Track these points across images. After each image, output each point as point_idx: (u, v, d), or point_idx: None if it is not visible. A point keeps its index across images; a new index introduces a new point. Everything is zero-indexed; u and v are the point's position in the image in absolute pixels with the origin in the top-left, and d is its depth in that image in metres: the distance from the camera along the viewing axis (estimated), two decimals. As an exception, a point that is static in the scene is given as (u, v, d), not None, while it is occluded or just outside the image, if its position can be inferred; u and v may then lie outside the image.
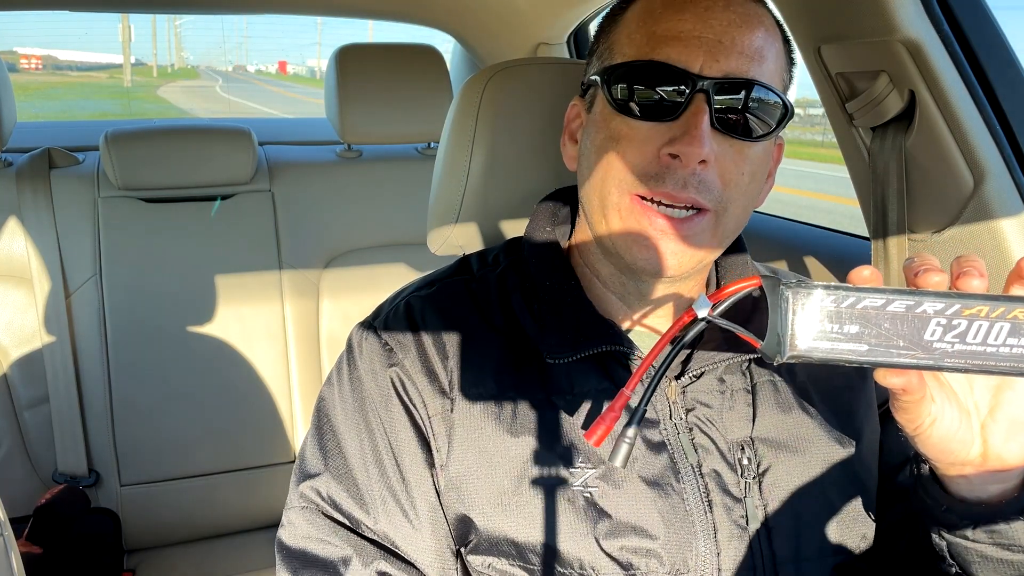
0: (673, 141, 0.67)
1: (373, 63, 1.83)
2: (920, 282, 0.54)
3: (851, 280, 0.55)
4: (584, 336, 0.74)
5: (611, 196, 0.71)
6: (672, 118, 0.68)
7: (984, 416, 0.61)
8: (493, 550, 0.73)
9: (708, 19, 0.68)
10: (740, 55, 0.68)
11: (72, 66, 65.63)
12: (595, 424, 0.66)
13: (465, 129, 0.95)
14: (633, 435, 0.66)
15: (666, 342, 0.64)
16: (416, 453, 0.75)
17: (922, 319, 0.51)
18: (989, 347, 0.51)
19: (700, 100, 0.67)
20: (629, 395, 0.66)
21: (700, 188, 0.68)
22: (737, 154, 0.69)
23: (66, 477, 1.69)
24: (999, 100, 0.97)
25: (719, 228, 0.71)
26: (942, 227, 1.02)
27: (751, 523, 0.72)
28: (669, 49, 0.68)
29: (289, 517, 0.77)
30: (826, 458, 0.76)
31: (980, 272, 0.54)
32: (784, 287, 0.51)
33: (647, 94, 0.69)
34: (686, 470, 0.72)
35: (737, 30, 0.68)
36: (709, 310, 0.61)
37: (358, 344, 0.80)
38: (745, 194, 0.71)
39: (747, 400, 0.76)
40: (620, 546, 0.70)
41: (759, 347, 0.56)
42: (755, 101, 0.69)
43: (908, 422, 0.60)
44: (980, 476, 0.63)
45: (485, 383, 0.75)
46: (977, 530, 0.64)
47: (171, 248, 1.75)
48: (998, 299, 0.51)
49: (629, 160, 0.70)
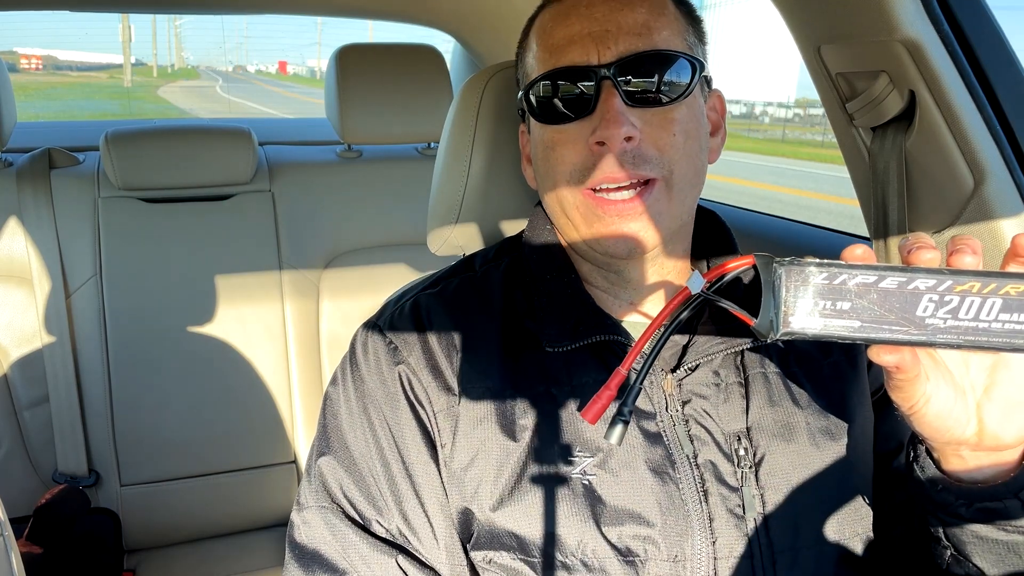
0: (596, 131, 0.73)
1: (373, 63, 1.83)
2: (913, 259, 0.54)
3: (844, 258, 0.55)
4: (583, 325, 0.76)
5: (567, 198, 0.77)
6: (589, 112, 0.74)
7: (980, 395, 0.61)
8: (494, 543, 0.74)
9: (591, 15, 0.75)
10: (628, 35, 0.73)
11: (72, 66, 65.66)
12: (591, 402, 0.66)
13: (465, 129, 0.95)
14: (628, 413, 0.66)
15: (662, 319, 0.64)
16: (422, 450, 0.76)
17: (914, 295, 0.51)
18: (981, 323, 0.51)
19: (607, 86, 0.73)
20: (625, 373, 0.66)
21: (637, 161, 0.73)
22: (663, 120, 0.74)
23: (66, 477, 1.69)
24: (999, 100, 0.97)
25: (672, 191, 0.75)
26: (942, 227, 1.02)
27: (748, 512, 0.73)
28: (568, 54, 0.75)
29: (303, 516, 0.78)
30: (820, 447, 0.76)
31: (973, 250, 0.54)
32: (777, 264, 0.52)
33: (562, 99, 0.75)
34: (681, 460, 0.74)
35: (619, 14, 0.74)
36: (704, 286, 0.61)
37: (363, 344, 0.81)
38: (685, 153, 0.75)
39: (741, 392, 0.77)
40: (618, 533, 0.71)
41: (753, 324, 0.56)
42: (659, 68, 0.73)
43: (903, 400, 0.60)
44: (975, 456, 0.63)
45: (488, 378, 0.76)
46: (972, 510, 0.64)
47: (171, 248, 1.75)
48: (990, 275, 0.51)
49: (568, 161, 0.75)
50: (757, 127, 27.51)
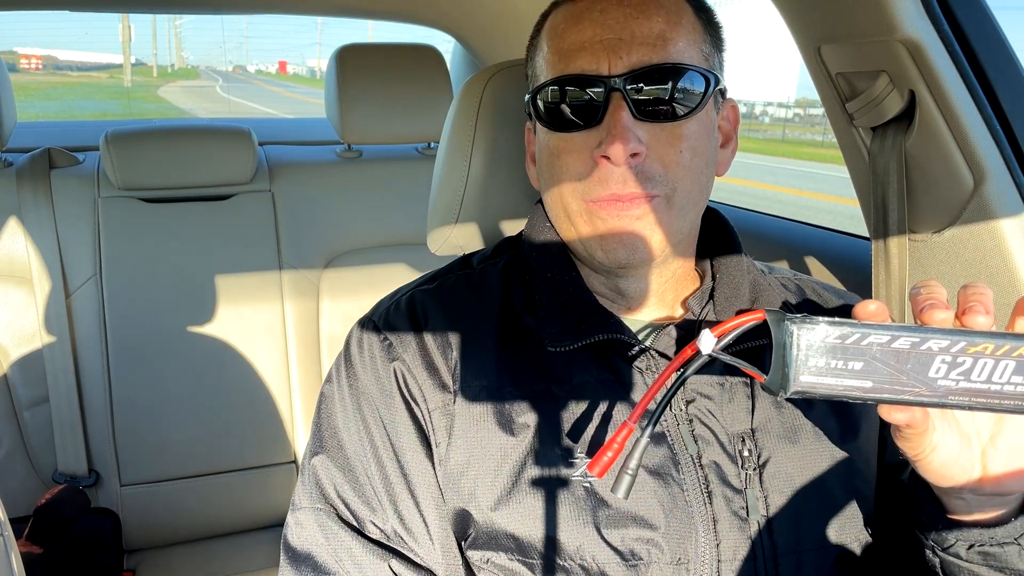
0: (602, 143, 0.70)
1: (373, 63, 1.83)
2: (925, 318, 0.54)
3: (856, 314, 0.55)
4: (585, 324, 0.75)
5: (571, 205, 0.75)
6: (597, 122, 0.71)
7: (985, 443, 0.61)
8: (492, 544, 0.73)
9: (605, 21, 0.72)
10: (642, 45, 0.71)
11: (72, 66, 65.65)
12: (598, 454, 0.65)
13: (465, 129, 0.95)
14: (635, 467, 0.65)
15: (669, 374, 0.63)
16: (418, 449, 0.75)
17: (927, 356, 0.51)
18: (994, 385, 0.51)
19: (616, 98, 0.70)
20: (632, 427, 0.65)
21: (641, 179, 0.71)
22: (670, 136, 0.71)
23: (66, 477, 1.69)
24: (999, 100, 0.97)
25: (673, 207, 0.73)
26: (942, 227, 1.02)
27: (752, 514, 0.73)
28: (578, 60, 0.72)
29: (297, 517, 0.77)
30: (825, 450, 0.76)
31: (986, 308, 0.54)
32: (788, 322, 0.51)
33: (569, 106, 0.73)
34: (685, 461, 0.73)
35: (634, 22, 0.71)
36: (714, 346, 0.60)
37: (357, 341, 0.80)
38: (690, 171, 0.73)
39: (746, 392, 0.76)
40: (621, 536, 0.70)
41: (763, 381, 0.56)
42: (671, 82, 0.71)
43: (910, 450, 0.61)
44: (978, 500, 0.63)
45: (486, 376, 0.75)
46: (971, 551, 0.64)
47: (171, 248, 1.75)
48: (1004, 336, 0.51)
49: (573, 170, 0.73)
50: (757, 127, 27.51)
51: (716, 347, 0.60)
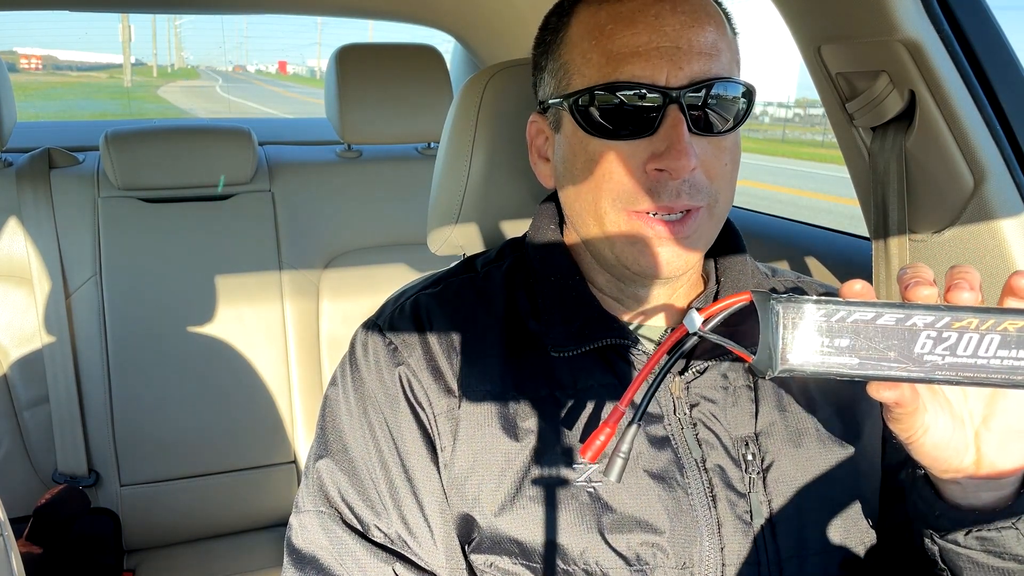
0: (657, 156, 0.68)
1: (373, 63, 1.83)
2: (910, 295, 0.55)
3: (842, 294, 0.55)
4: (589, 329, 0.75)
5: (608, 215, 0.72)
6: (650, 132, 0.69)
7: (978, 424, 0.61)
8: (496, 548, 0.73)
9: (661, 27, 0.69)
10: (700, 55, 0.69)
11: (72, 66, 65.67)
12: (590, 438, 0.66)
13: (465, 129, 0.95)
14: (627, 450, 0.66)
15: (660, 356, 0.64)
16: (423, 453, 0.75)
17: (912, 332, 0.51)
18: (979, 359, 0.51)
19: (675, 111, 0.68)
20: (624, 410, 0.66)
21: (692, 192, 0.70)
22: (716, 148, 0.71)
23: (66, 477, 1.69)
24: (999, 100, 0.97)
25: (712, 219, 0.73)
26: (942, 227, 1.02)
27: (755, 518, 0.72)
28: (632, 67, 0.68)
29: (301, 520, 0.77)
30: (829, 453, 0.76)
31: (971, 285, 0.54)
32: (774, 302, 0.52)
33: (620, 114, 0.70)
34: (690, 465, 0.73)
35: (691, 31, 0.69)
36: (701, 324, 0.61)
37: (362, 344, 0.80)
38: (730, 181, 0.74)
39: (750, 396, 0.76)
40: (626, 541, 0.70)
41: (751, 361, 0.56)
42: (723, 95, 0.70)
43: (902, 431, 0.60)
44: (974, 483, 0.63)
45: (490, 380, 0.75)
46: (969, 536, 0.64)
47: (171, 248, 1.75)
48: (988, 311, 0.51)
49: (617, 179, 0.71)
50: (757, 127, 27.50)
51: (703, 327, 0.61)
